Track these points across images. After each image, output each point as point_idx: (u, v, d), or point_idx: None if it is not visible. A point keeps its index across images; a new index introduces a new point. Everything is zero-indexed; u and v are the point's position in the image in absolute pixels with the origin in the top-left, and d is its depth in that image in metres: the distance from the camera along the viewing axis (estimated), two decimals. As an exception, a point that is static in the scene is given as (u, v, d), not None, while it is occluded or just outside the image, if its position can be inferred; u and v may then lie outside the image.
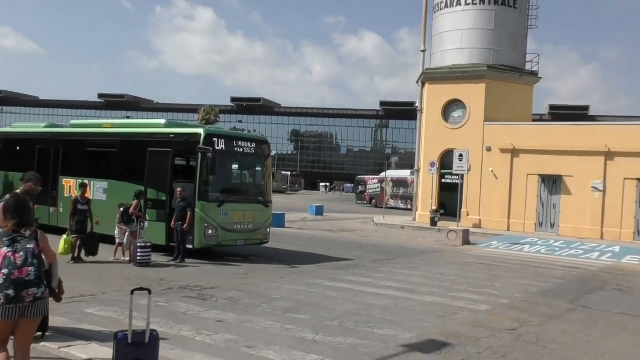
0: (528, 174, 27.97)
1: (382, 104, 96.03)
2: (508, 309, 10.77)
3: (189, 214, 14.16)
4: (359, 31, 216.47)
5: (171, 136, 15.63)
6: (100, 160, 17.34)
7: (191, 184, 14.71)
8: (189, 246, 14.47)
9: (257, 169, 16.82)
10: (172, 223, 14.49)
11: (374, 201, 51.66)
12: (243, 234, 15.37)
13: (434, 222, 28.43)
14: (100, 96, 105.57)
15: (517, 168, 28.31)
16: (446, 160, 29.93)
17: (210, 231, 14.52)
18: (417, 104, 32.73)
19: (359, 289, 11.79)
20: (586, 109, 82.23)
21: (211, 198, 14.65)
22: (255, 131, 77.63)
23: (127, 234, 14.10)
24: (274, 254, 16.80)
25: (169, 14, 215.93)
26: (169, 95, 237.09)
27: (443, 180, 30.55)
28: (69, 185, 17.53)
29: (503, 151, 28.60)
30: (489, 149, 29.03)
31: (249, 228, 15.48)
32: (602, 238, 25.72)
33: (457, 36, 30.63)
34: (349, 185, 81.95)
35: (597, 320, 10.26)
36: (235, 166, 16.51)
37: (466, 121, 29.81)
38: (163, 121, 17.01)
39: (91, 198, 14.49)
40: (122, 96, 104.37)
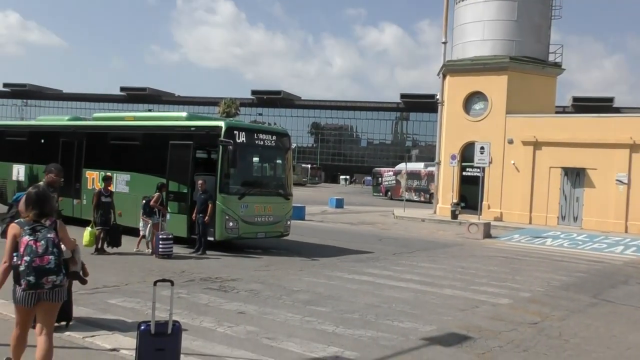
0: (550, 167, 27.65)
1: (403, 96, 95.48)
2: (530, 303, 10.68)
3: (210, 206, 14.24)
4: (379, 23, 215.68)
5: (192, 129, 15.72)
6: (123, 152, 17.51)
7: (212, 176, 14.77)
8: (210, 238, 14.55)
9: (278, 161, 16.85)
10: (193, 215, 14.58)
11: (389, 193, 52.66)
12: (263, 226, 15.44)
13: (454, 215, 28.29)
14: (122, 89, 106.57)
15: (539, 161, 28.00)
16: (467, 152, 29.77)
17: (231, 223, 14.59)
18: (437, 96, 32.58)
19: (380, 282, 11.79)
20: (610, 100, 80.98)
21: (232, 190, 14.72)
22: (275, 124, 77.79)
23: (149, 226, 14.25)
24: (294, 246, 16.85)
25: (190, 7, 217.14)
26: (189, 88, 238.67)
27: (464, 173, 30.35)
28: (92, 178, 17.73)
29: (525, 144, 28.29)
30: (510, 142, 28.74)
31: (269, 220, 15.53)
32: (626, 232, 25.35)
33: (479, 27, 30.32)
34: (369, 178, 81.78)
35: (620, 314, 10.15)
36: (255, 159, 16.58)
37: (487, 113, 29.55)
38: (184, 114, 17.16)
39: (113, 190, 14.63)
40: (144, 89, 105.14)
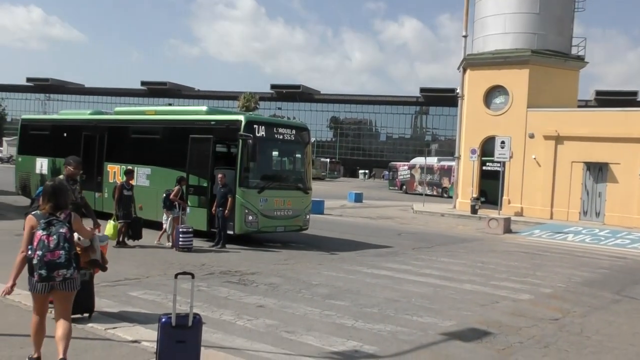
0: (572, 162, 27.29)
1: (422, 90, 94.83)
2: (551, 299, 10.58)
3: (229, 200, 14.30)
4: (399, 17, 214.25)
5: (212, 123, 15.79)
6: (144, 146, 17.63)
7: (232, 170, 14.84)
8: (230, 232, 14.62)
9: (297, 155, 16.86)
10: (213, 209, 14.67)
11: (404, 187, 53.10)
12: (283, 220, 15.47)
13: (474, 210, 28.10)
14: (142, 84, 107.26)
15: (561, 155, 27.66)
16: (487, 147, 29.47)
17: (250, 217, 14.64)
18: (457, 90, 32.27)
19: (399, 277, 11.76)
20: (634, 94, 79.59)
21: (252, 184, 14.77)
22: (294, 118, 77.75)
23: (169, 219, 14.36)
24: (313, 240, 16.86)
25: (210, 1, 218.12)
26: (209, 82, 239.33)
27: (484, 168, 30.08)
28: (114, 171, 17.91)
29: (546, 138, 27.96)
30: (531, 136, 28.43)
31: (288, 214, 15.56)
32: (650, 227, 24.98)
33: (500, 20, 29.98)
34: (387, 172, 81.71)
35: (644, 311, 10.02)
36: (275, 153, 16.60)
37: (508, 107, 29.24)
38: (204, 108, 17.24)
39: (134, 184, 14.76)
40: (164, 84, 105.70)
